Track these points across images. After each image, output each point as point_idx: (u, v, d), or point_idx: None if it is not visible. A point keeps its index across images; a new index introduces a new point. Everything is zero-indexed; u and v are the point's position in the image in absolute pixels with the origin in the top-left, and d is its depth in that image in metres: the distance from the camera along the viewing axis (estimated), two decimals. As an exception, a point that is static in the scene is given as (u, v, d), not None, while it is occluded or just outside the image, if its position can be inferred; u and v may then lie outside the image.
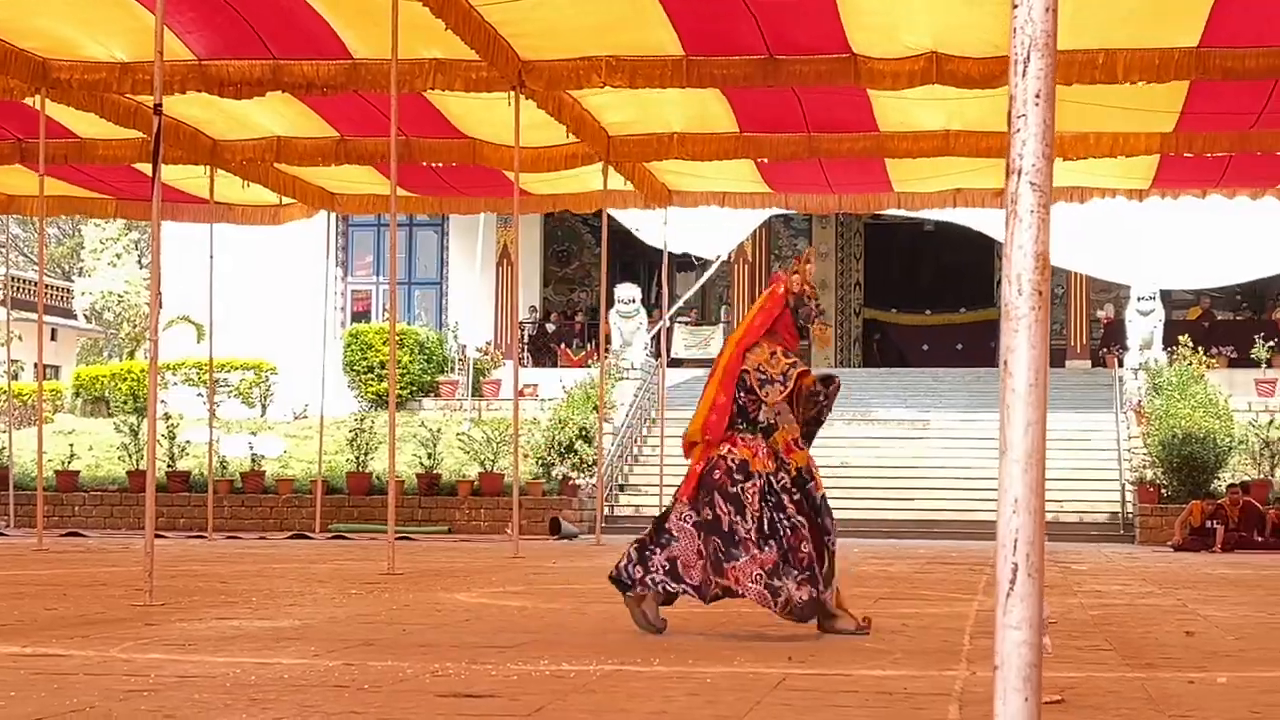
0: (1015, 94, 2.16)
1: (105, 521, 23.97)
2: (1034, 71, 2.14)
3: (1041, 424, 2.14)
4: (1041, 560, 2.19)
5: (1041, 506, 2.15)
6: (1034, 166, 2.19)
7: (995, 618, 2.24)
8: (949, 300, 35.85)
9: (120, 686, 5.38)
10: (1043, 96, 2.15)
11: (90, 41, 15.60)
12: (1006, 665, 2.20)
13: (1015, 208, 2.18)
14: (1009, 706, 2.17)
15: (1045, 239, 2.14)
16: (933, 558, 16.63)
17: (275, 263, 31.83)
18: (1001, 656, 2.21)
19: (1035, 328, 2.16)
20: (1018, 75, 2.15)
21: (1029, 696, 2.16)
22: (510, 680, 5.61)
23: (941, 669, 6.10)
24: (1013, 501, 2.13)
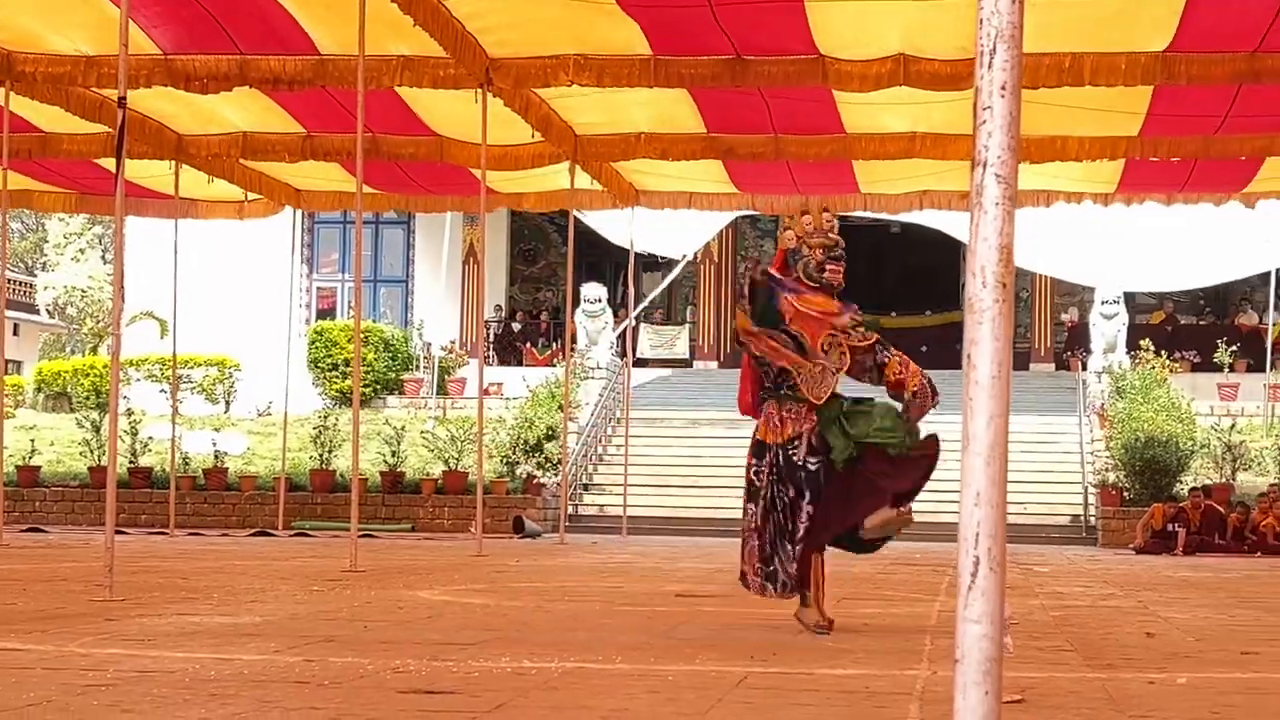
0: (981, 85, 2.16)
1: (66, 517, 23.85)
2: (1000, 63, 2.14)
3: (1004, 417, 2.14)
4: (1003, 554, 2.19)
5: (1003, 500, 2.15)
6: (999, 159, 2.19)
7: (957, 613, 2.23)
8: (915, 303, 35.92)
9: (78, 681, 5.35)
10: (1009, 88, 2.15)
11: (55, 35, 15.52)
12: (967, 659, 2.20)
13: (980, 200, 2.17)
14: (969, 700, 2.17)
15: (1010, 231, 2.14)
16: (896, 558, 16.64)
17: (240, 259, 31.70)
18: (962, 650, 2.21)
19: (999, 320, 2.16)
20: (984, 67, 2.15)
21: (989, 690, 2.15)
22: (471, 677, 5.60)
23: (903, 668, 6.10)
24: (974, 495, 2.13)
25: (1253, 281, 31.67)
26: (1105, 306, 27.93)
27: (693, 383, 30.99)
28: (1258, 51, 14.18)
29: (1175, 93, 15.36)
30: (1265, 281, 29.00)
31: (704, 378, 31.64)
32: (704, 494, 24.47)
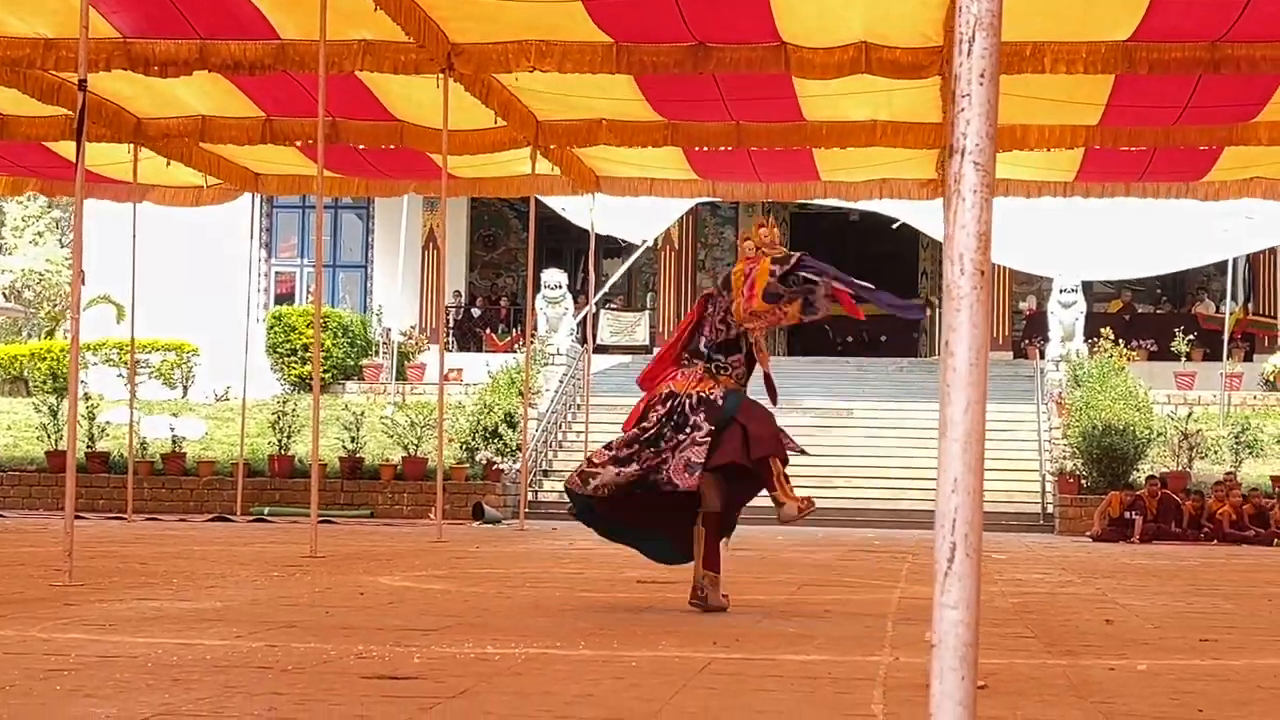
0: (960, 73, 2.17)
1: (23, 502, 23.71)
2: (979, 50, 2.15)
3: (981, 403, 2.15)
4: (979, 540, 2.21)
5: (980, 486, 2.16)
6: (977, 146, 2.19)
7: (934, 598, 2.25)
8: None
9: (40, 666, 5.33)
10: (987, 76, 2.16)
11: (12, 18, 15.39)
12: (944, 644, 2.21)
13: (958, 187, 2.18)
14: (946, 685, 2.18)
15: (988, 219, 2.15)
16: (855, 546, 16.73)
17: (197, 243, 31.54)
18: (939, 635, 2.22)
19: (977, 307, 2.17)
20: (962, 54, 2.16)
21: (965, 675, 2.16)
22: (435, 663, 5.60)
23: (865, 654, 6.13)
24: (952, 481, 2.14)
25: (1209, 270, 31.87)
26: (1063, 295, 28.05)
27: (653, 369, 30.93)
28: (1219, 41, 14.24)
29: (1136, 82, 15.43)
30: (1222, 270, 29.17)
31: (664, 364, 31.56)
32: (664, 481, 24.44)
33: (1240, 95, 16.16)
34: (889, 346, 34.25)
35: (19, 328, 48.76)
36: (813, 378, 29.78)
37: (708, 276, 35.63)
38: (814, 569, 12.30)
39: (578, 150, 20.21)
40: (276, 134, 19.19)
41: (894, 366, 30.82)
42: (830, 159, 19.84)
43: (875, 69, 15.00)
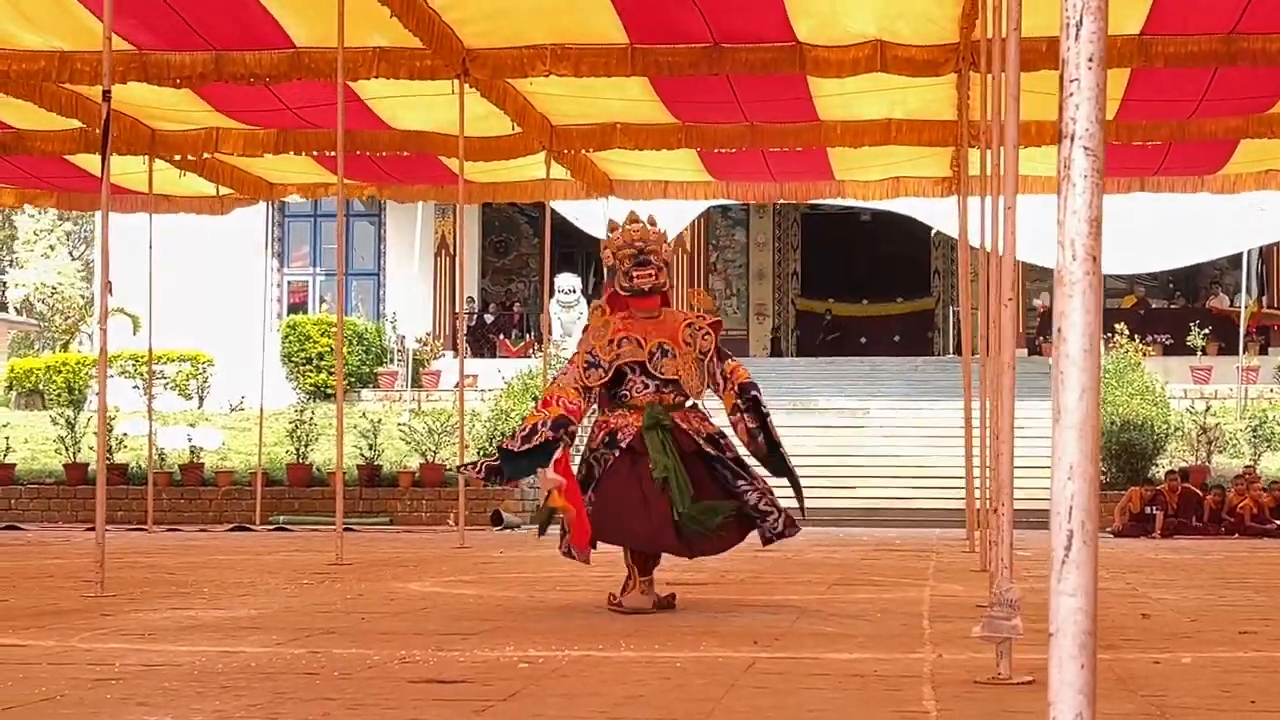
0: (1067, 58, 2.16)
1: (42, 515, 23.73)
2: (1086, 35, 2.14)
3: (1095, 389, 2.15)
4: (1096, 527, 2.20)
5: (1096, 474, 2.16)
6: (1087, 131, 2.19)
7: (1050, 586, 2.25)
8: (886, 290, 36.01)
9: (87, 675, 5.33)
10: (1095, 60, 2.15)
11: (27, 33, 15.42)
12: (1062, 632, 2.21)
13: (1068, 172, 2.18)
14: (1065, 674, 2.18)
15: (1099, 204, 2.15)
16: (877, 545, 16.71)
17: (210, 254, 31.59)
18: (1057, 624, 2.22)
19: (1090, 293, 2.17)
20: (1070, 39, 2.15)
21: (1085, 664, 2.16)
22: (479, 666, 5.60)
23: (907, 652, 6.12)
24: (1067, 468, 2.14)
25: (1222, 264, 31.86)
26: (1079, 291, 28.01)
27: (667, 372, 30.96)
28: (1233, 33, 14.23)
29: (1151, 76, 15.41)
30: (1235, 264, 29.15)
31: (678, 367, 31.58)
32: (681, 483, 24.44)
33: (1256, 87, 16.14)
34: (903, 345, 34.27)
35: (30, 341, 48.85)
36: (827, 378, 29.80)
37: (719, 279, 35.67)
38: (840, 568, 12.29)
39: (592, 154, 20.23)
40: (292, 144, 19.22)
41: (909, 365, 30.80)
42: (845, 158, 19.85)
43: (890, 67, 15.00)
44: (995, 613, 5.16)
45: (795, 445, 25.50)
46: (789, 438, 26.68)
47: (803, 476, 25.77)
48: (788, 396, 28.31)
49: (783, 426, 26.93)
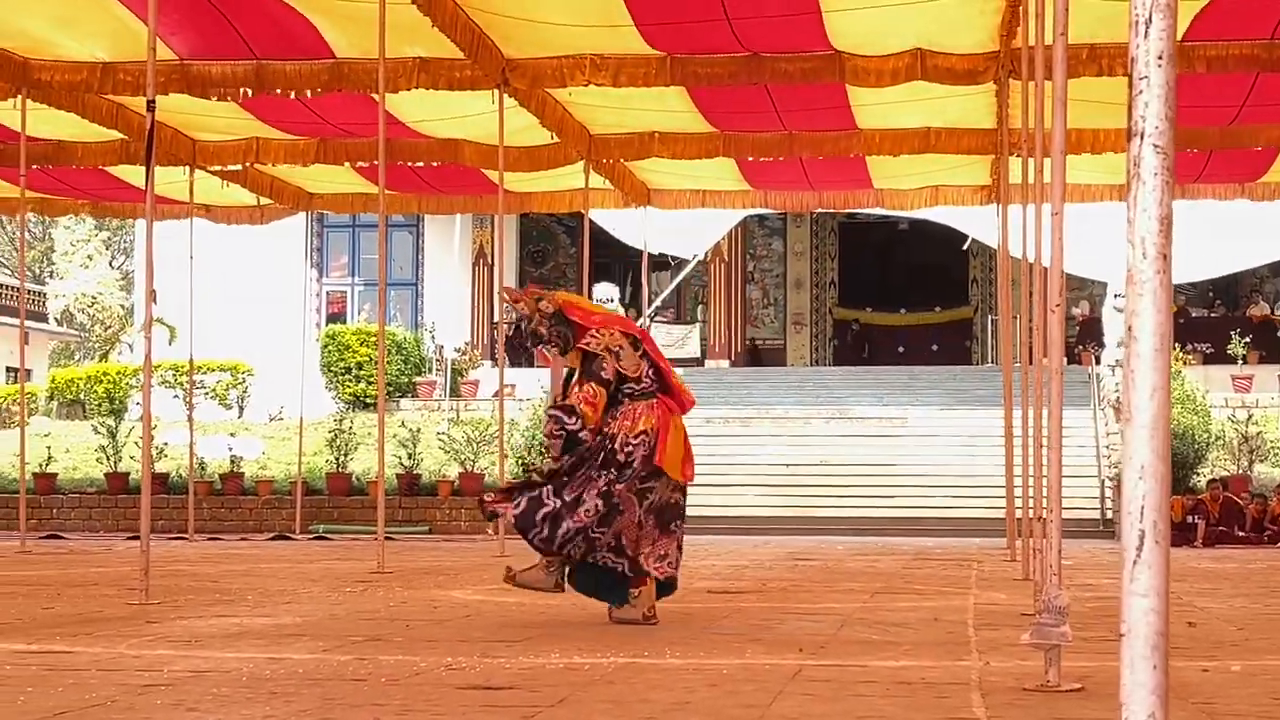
0: (1137, 55, 2.16)
1: (84, 524, 23.84)
2: (1156, 32, 2.14)
3: (1166, 389, 2.15)
4: (1168, 527, 2.20)
5: (1168, 473, 2.16)
6: (1157, 129, 2.19)
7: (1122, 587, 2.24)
8: (923, 300, 35.93)
9: (135, 682, 5.36)
10: (1165, 57, 2.15)
11: (71, 41, 15.51)
12: (1134, 633, 2.20)
13: (1138, 170, 2.17)
14: (1138, 675, 2.17)
15: (1169, 202, 2.14)
16: (917, 554, 16.67)
17: (250, 265, 31.72)
18: (1129, 624, 2.21)
19: (1160, 292, 2.16)
20: (1139, 36, 2.15)
21: (1158, 665, 2.16)
22: (526, 673, 5.61)
23: (954, 660, 6.11)
24: (1139, 468, 2.13)
25: (1262, 272, 31.69)
26: (1118, 299, 27.90)
27: (705, 382, 30.96)
28: (1274, 39, 14.17)
29: (1192, 82, 15.34)
30: (1276, 272, 29.00)
31: (715, 376, 31.64)
32: (720, 492, 24.45)
33: (1298, 94, 16.06)
34: (940, 354, 34.18)
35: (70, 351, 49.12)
36: (865, 386, 29.74)
37: (757, 288, 35.65)
38: (881, 577, 12.26)
39: (629, 164, 20.25)
40: (331, 154, 19.29)
41: (947, 374, 30.72)
42: (883, 166, 19.81)
43: (930, 76, 14.97)
44: (1043, 619, 5.14)
45: (834, 453, 25.59)
46: (828, 447, 26.74)
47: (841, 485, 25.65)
48: (826, 405, 28.29)
49: (821, 435, 26.92)
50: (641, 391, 7.88)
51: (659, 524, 7.85)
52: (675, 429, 7.91)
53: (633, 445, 7.79)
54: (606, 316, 8.15)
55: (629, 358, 7.88)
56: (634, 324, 8.27)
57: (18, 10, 14.67)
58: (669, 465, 7.83)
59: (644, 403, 7.87)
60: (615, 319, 8.19)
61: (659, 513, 7.85)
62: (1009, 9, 13.22)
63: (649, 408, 7.86)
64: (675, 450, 7.87)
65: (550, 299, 8.03)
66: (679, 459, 7.90)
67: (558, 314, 7.95)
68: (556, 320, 7.95)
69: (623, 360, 7.85)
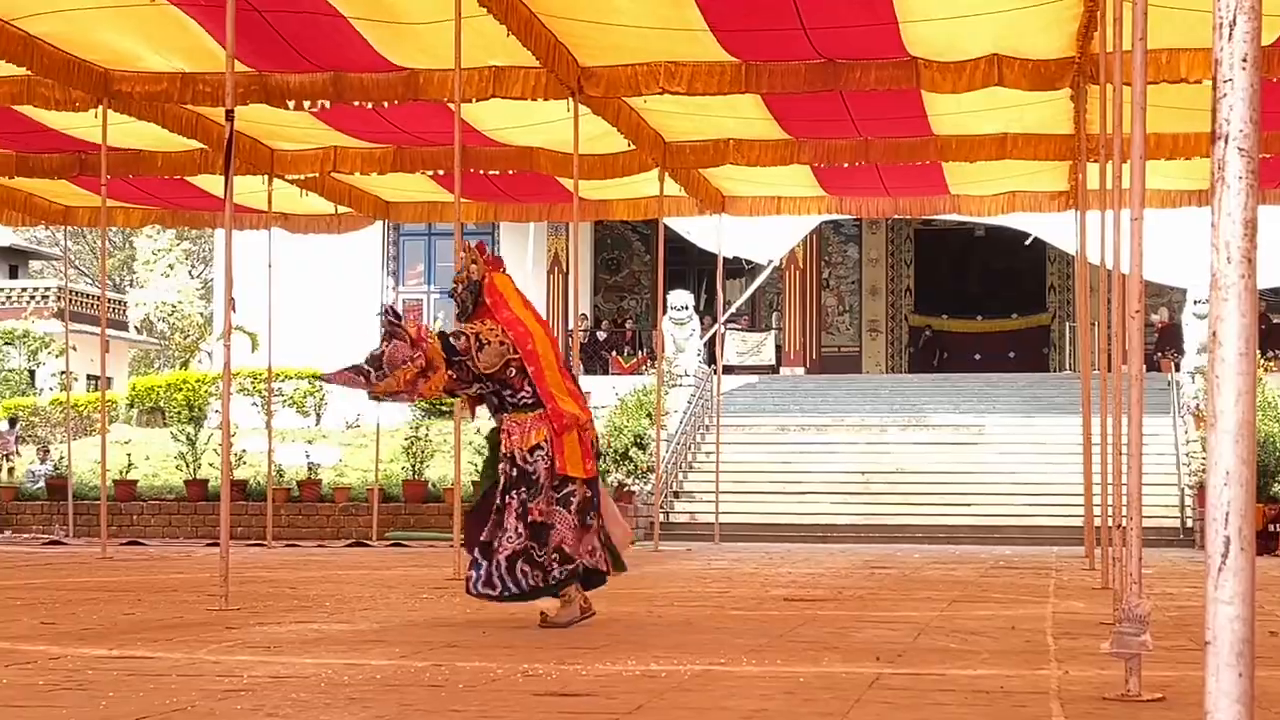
0: (1220, 58, 2.14)
1: (164, 531, 24.06)
2: (1240, 35, 2.12)
3: (1251, 394, 2.12)
4: (1253, 533, 2.17)
5: (1253, 479, 2.13)
6: (1241, 131, 2.17)
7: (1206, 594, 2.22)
8: (999, 306, 35.70)
9: (216, 687, 5.40)
10: (1249, 60, 2.13)
11: (150, 53, 15.68)
12: (1219, 641, 2.18)
13: (1223, 174, 2.15)
14: (1223, 683, 2.15)
15: (1254, 205, 2.12)
16: (994, 563, 16.56)
17: (327, 273, 31.94)
18: (1213, 632, 2.19)
19: (1245, 296, 2.14)
20: (1223, 39, 2.13)
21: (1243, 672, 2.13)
22: (602, 680, 5.61)
23: (1033, 669, 6.07)
24: (1223, 474, 2.11)
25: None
26: (1198, 306, 27.64)
27: (780, 389, 30.96)
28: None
29: (1274, 87, 15.17)
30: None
31: (791, 383, 31.59)
32: (795, 500, 24.42)
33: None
34: (1018, 362, 33.96)
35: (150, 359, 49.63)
36: (942, 394, 29.59)
37: (832, 295, 35.56)
38: (959, 585, 12.19)
39: (704, 171, 20.25)
40: (407, 162, 19.42)
41: (1024, 382, 30.51)
42: (960, 173, 19.73)
43: (1006, 81, 14.90)
44: (1124, 628, 5.10)
45: (910, 461, 25.46)
46: (904, 455, 26.59)
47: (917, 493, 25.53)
48: (902, 413, 28.17)
49: (897, 442, 26.80)
50: (523, 403, 7.96)
51: (580, 522, 7.99)
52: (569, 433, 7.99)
53: (533, 461, 7.89)
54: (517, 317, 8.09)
55: (489, 354, 7.88)
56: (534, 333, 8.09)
57: (98, 25, 14.83)
58: (573, 469, 7.97)
59: (530, 415, 7.96)
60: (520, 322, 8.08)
61: (581, 512, 7.99)
62: (1086, 14, 13.13)
63: (537, 420, 7.95)
64: (574, 452, 7.99)
65: (482, 268, 8.15)
66: (579, 458, 8.02)
67: (475, 284, 8.11)
68: (470, 288, 8.11)
69: (482, 355, 7.87)
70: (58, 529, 23.61)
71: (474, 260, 8.17)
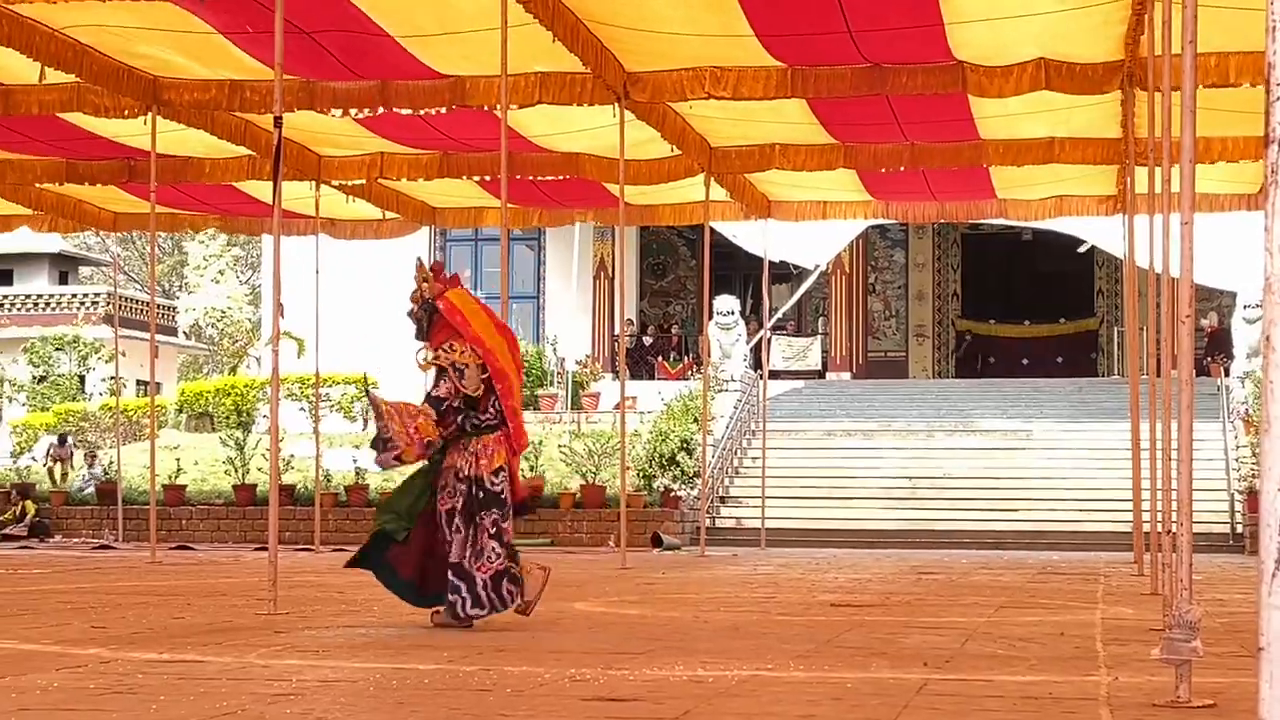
0: (1274, 61, 2.13)
1: (212, 535, 24.19)
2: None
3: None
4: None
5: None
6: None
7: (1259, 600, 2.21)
8: (1047, 311, 35.53)
9: (265, 691, 5.42)
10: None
11: (198, 65, 15.77)
12: (1274, 647, 2.17)
13: (1276, 177, 2.14)
14: (1276, 689, 2.14)
15: (1310, 208, 2.11)
16: (1042, 568, 16.49)
17: (374, 278, 32.03)
18: (1268, 638, 2.18)
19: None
20: (1276, 42, 2.12)
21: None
22: (650, 685, 5.61)
23: (1082, 675, 6.04)
24: (1277, 480, 2.10)
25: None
26: (1248, 310, 27.44)
27: (826, 394, 30.90)
28: None
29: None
30: None
31: (838, 389, 31.53)
32: (842, 505, 24.36)
33: None
34: (1066, 366, 33.79)
35: (199, 365, 49.90)
36: (989, 400, 29.48)
37: (878, 300, 35.47)
38: (1006, 591, 12.14)
39: (749, 175, 20.24)
40: (453, 168, 19.47)
41: (1072, 386, 30.36)
42: (1007, 177, 19.66)
43: (1054, 86, 14.84)
44: (1174, 634, 5.07)
45: (957, 466, 25.37)
46: (951, 460, 26.53)
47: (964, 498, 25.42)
48: (949, 418, 28.08)
49: (944, 447, 26.71)
50: (487, 425, 8.07)
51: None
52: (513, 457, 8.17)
53: (499, 482, 8.08)
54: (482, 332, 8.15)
55: (471, 379, 7.96)
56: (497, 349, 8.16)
57: (144, 40, 14.93)
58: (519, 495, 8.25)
59: (492, 436, 8.09)
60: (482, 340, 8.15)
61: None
62: (1134, 18, 13.07)
63: (498, 441, 8.08)
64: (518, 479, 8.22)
65: (434, 287, 8.21)
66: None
67: (429, 304, 8.20)
68: (425, 307, 8.22)
69: (466, 379, 7.96)
70: (107, 533, 23.77)
71: (425, 279, 8.23)
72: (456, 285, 8.38)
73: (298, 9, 12.89)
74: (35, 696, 5.22)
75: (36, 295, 48.06)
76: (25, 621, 8.60)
